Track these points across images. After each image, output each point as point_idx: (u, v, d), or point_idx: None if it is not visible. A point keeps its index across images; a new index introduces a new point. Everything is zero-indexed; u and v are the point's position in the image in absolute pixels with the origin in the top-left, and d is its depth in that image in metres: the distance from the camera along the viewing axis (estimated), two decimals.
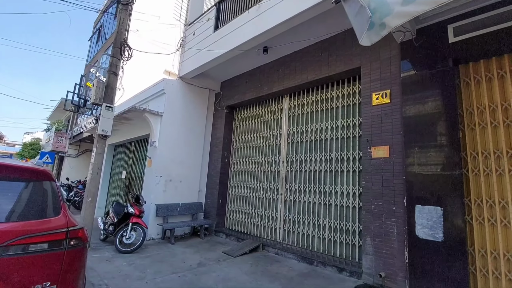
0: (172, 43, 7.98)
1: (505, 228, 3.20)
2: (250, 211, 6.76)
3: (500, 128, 3.38)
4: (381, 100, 4.39)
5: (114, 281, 3.82)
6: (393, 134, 4.16)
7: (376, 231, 4.10)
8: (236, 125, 7.75)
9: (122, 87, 6.58)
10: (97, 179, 5.51)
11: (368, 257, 4.13)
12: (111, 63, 5.91)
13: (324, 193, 5.31)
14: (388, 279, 3.85)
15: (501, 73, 3.46)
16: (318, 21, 4.80)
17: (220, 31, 6.29)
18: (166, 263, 4.70)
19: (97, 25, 16.55)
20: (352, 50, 4.94)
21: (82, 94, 11.45)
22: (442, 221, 3.38)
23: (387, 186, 4.10)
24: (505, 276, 3.12)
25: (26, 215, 2.21)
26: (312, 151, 5.68)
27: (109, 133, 5.62)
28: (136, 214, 5.54)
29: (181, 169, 7.19)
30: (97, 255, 5.00)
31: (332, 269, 4.52)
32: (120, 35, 6.00)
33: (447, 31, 3.73)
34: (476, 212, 3.40)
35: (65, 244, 2.22)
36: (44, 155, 13.40)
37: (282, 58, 6.24)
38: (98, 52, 14.48)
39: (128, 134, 9.06)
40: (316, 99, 5.83)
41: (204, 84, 7.76)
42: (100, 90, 5.72)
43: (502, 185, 3.28)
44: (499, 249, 3.20)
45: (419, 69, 3.91)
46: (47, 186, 2.43)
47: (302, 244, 5.50)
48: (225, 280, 4.03)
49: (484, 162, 3.43)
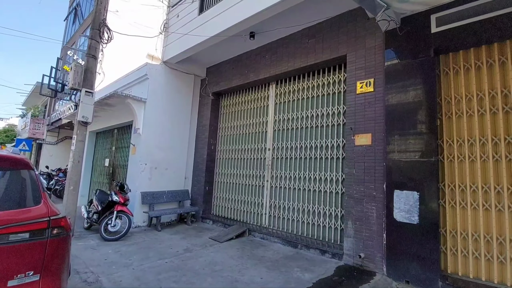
0: (155, 26, 7.66)
1: (475, 210, 3.43)
2: (236, 198, 6.84)
3: (475, 117, 3.56)
4: (365, 89, 4.47)
5: (100, 268, 3.82)
6: (376, 122, 4.28)
7: (357, 215, 4.29)
8: (223, 112, 7.68)
9: (102, 71, 6.30)
10: (78, 167, 5.36)
11: (349, 239, 4.33)
12: (89, 46, 5.62)
13: (309, 180, 5.44)
14: (367, 260, 4.08)
15: (478, 63, 3.60)
16: (305, 7, 4.74)
17: (205, 14, 6.09)
18: (153, 250, 4.73)
19: (73, 4, 15.54)
20: (339, 38, 4.94)
21: (59, 78, 10.89)
22: (418, 205, 3.58)
23: (368, 172, 4.26)
24: (472, 254, 3.38)
25: (4, 205, 2.15)
26: (298, 138, 5.76)
27: (89, 119, 5.43)
28: (121, 202, 5.47)
29: (166, 157, 7.11)
30: (82, 243, 4.95)
31: (315, 252, 4.72)
32: (98, 16, 5.68)
33: (430, 20, 3.80)
34: (449, 196, 3.61)
35: (47, 233, 2.18)
36: (21, 142, 12.80)
37: (269, 44, 6.16)
38: (75, 34, 13.70)
39: (110, 121, 8.78)
40: (302, 86, 5.85)
41: (189, 70, 7.57)
42: (78, 74, 5.46)
43: (473, 171, 3.49)
44: (468, 230, 3.44)
45: (402, 58, 3.99)
46: (25, 175, 2.35)
47: (287, 229, 5.67)
48: (211, 264, 4.12)
49: (458, 149, 3.62)
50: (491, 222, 3.30)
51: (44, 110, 18.38)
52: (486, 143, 3.44)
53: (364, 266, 4.08)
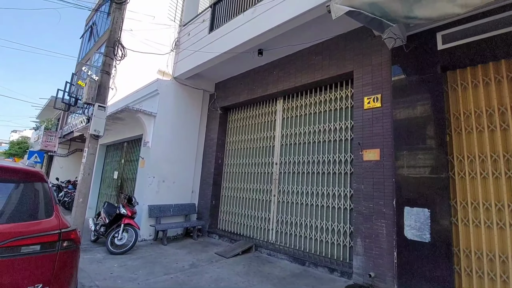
0: (166, 44, 7.95)
1: (489, 229, 3.32)
2: (243, 212, 6.79)
3: (485, 133, 3.52)
4: (373, 104, 4.49)
5: (106, 282, 3.80)
6: (384, 138, 4.27)
7: (367, 232, 4.20)
8: (230, 127, 7.77)
9: (114, 86, 6.53)
10: (88, 179, 5.45)
11: (358, 257, 4.22)
12: (104, 63, 5.85)
13: (316, 195, 5.38)
14: (378, 279, 3.94)
15: (486, 80, 3.60)
16: (312, 25, 4.87)
17: (215, 33, 6.31)
18: (159, 264, 4.69)
19: (89, 23, 16.30)
20: (345, 55, 5.04)
21: (73, 92, 11.26)
22: (429, 223, 3.49)
23: (377, 188, 4.20)
24: (487, 275, 3.24)
25: (17, 216, 2.20)
26: (305, 153, 5.76)
27: (101, 133, 5.56)
28: (128, 215, 5.50)
29: (174, 170, 7.17)
30: (88, 256, 4.95)
31: (324, 270, 4.60)
32: (113, 34, 5.95)
33: (436, 38, 3.85)
34: (462, 214, 3.52)
35: (57, 246, 2.21)
36: (33, 154, 13.12)
37: (277, 61, 6.31)
38: (90, 50, 14.26)
39: (120, 134, 8.97)
40: (309, 101, 5.91)
41: (198, 85, 7.76)
42: (92, 90, 5.66)
43: (486, 188, 3.41)
44: (482, 249, 3.32)
45: (409, 74, 4.02)
46: (38, 187, 2.41)
47: (294, 245, 5.56)
48: (217, 281, 4.05)
49: (469, 165, 3.56)
50: (506, 241, 3.18)
51: (57, 123, 18.92)
52: (498, 160, 3.38)
53: (374, 286, 3.95)
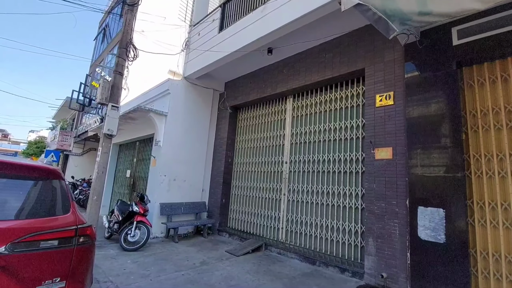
0: (177, 44, 8.04)
1: (507, 230, 3.21)
2: (253, 211, 6.80)
3: (503, 131, 3.39)
4: (385, 102, 4.41)
5: (119, 278, 3.89)
6: (396, 136, 4.18)
7: (379, 232, 4.13)
8: (240, 125, 7.80)
9: (127, 86, 6.64)
10: (102, 178, 5.59)
11: (370, 257, 4.16)
12: (117, 63, 5.98)
13: (327, 194, 5.33)
14: (390, 280, 3.88)
15: (504, 76, 3.47)
16: (322, 23, 4.83)
17: (225, 32, 6.34)
18: (170, 262, 4.76)
19: (102, 25, 16.69)
20: (356, 52, 4.96)
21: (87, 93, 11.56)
22: (444, 223, 3.40)
23: (390, 188, 4.12)
24: (506, 277, 3.13)
25: (36, 212, 2.28)
26: (316, 152, 5.71)
27: (114, 132, 5.69)
28: (140, 213, 5.61)
29: (185, 169, 7.26)
30: (102, 252, 5.08)
31: (334, 270, 4.56)
32: (126, 36, 6.07)
33: (451, 33, 3.74)
34: (479, 214, 3.41)
35: (74, 241, 2.28)
36: (49, 153, 13.59)
37: (287, 59, 6.28)
38: (104, 52, 14.61)
39: (132, 134, 9.16)
40: (320, 100, 5.85)
41: (208, 85, 7.82)
42: (106, 90, 5.79)
43: (504, 188, 3.29)
44: (500, 251, 3.21)
45: (422, 71, 3.92)
46: (56, 185, 2.49)
47: (304, 244, 5.53)
48: (227, 279, 4.08)
49: (487, 164, 3.44)
50: None
51: (72, 123, 19.48)
52: None
53: (386, 287, 3.88)
